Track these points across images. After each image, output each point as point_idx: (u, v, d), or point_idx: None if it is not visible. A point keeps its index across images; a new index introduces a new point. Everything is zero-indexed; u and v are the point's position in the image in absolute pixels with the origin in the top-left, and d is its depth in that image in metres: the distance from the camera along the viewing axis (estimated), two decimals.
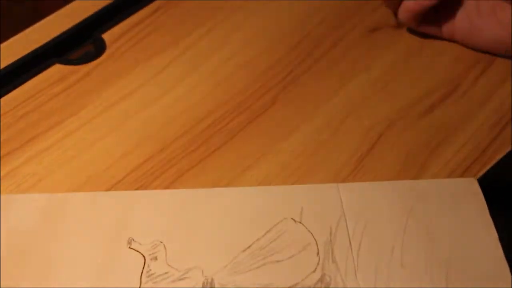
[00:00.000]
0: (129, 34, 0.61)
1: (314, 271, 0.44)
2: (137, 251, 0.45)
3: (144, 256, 0.45)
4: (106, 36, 0.61)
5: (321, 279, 0.44)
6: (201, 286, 0.43)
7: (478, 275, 0.43)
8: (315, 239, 0.45)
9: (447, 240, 0.45)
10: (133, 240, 0.45)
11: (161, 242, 0.45)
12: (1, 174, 0.49)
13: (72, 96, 0.55)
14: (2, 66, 0.57)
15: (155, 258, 0.44)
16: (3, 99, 0.55)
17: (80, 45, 0.61)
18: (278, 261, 0.45)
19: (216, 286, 0.43)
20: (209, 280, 0.43)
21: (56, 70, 0.58)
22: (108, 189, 0.48)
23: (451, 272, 0.44)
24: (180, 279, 0.43)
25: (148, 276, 0.44)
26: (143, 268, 0.44)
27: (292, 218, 0.47)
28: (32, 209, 0.46)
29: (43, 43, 0.59)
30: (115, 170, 0.50)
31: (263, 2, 0.64)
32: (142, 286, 0.43)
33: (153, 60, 0.59)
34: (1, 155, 0.51)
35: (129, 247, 0.45)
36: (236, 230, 0.46)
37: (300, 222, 0.46)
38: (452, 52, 0.59)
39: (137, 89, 0.56)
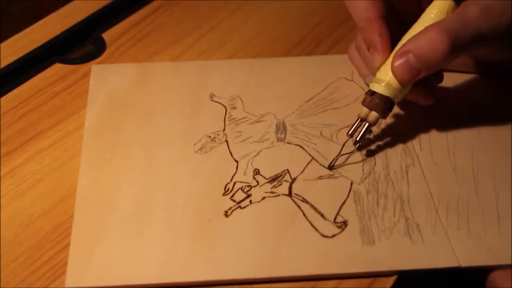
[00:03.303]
0: (129, 33, 0.61)
1: None
2: (219, 102, 0.53)
3: (225, 106, 0.53)
4: (106, 36, 0.61)
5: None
6: (275, 126, 0.51)
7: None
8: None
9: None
10: (214, 95, 0.54)
11: (238, 96, 0.54)
12: (1, 174, 0.49)
13: (73, 95, 0.55)
14: (2, 65, 0.57)
15: (234, 107, 0.53)
16: (3, 98, 0.55)
17: (80, 44, 0.61)
18: (336, 108, 0.53)
19: (287, 126, 0.51)
20: (281, 122, 0.52)
21: (57, 69, 0.58)
22: None
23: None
24: (257, 122, 0.52)
25: (230, 120, 0.52)
26: (225, 114, 0.52)
27: (345, 78, 0.55)
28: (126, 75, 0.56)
29: (43, 42, 0.59)
30: None
31: (263, 2, 0.65)
32: (226, 127, 0.51)
33: (153, 59, 0.59)
34: (1, 154, 0.51)
35: (212, 100, 0.54)
36: (300, 87, 0.55)
37: (352, 80, 0.55)
38: None
39: None
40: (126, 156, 0.49)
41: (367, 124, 0.48)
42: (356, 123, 0.49)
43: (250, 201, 0.46)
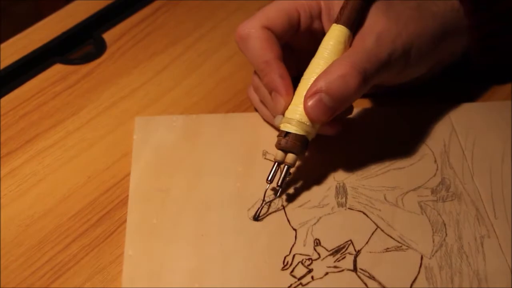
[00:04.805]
0: (130, 34, 0.62)
1: (435, 175, 0.48)
2: (272, 161, 0.47)
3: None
4: (107, 36, 0.61)
5: (442, 182, 0.47)
6: (335, 189, 0.47)
7: None
8: (431, 150, 0.50)
9: None
10: (267, 152, 0.49)
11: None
12: (1, 174, 0.49)
13: (73, 96, 0.56)
14: (3, 66, 0.57)
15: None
16: (3, 98, 0.55)
17: (80, 44, 0.61)
18: (400, 168, 0.48)
19: (348, 188, 0.47)
20: (341, 184, 0.47)
21: (57, 69, 0.58)
22: (108, 190, 0.48)
23: None
24: (314, 184, 0.47)
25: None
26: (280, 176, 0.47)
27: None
28: (172, 128, 0.52)
29: (44, 43, 0.60)
30: (116, 170, 0.50)
31: (263, 2, 0.64)
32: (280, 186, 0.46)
33: (153, 60, 0.59)
34: (2, 154, 0.51)
35: (264, 158, 0.49)
36: (358, 145, 0.50)
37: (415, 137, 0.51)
38: None
39: (137, 89, 0.56)
40: (175, 223, 0.45)
41: (286, 166, 0.45)
42: (274, 168, 0.45)
43: (312, 277, 0.42)
